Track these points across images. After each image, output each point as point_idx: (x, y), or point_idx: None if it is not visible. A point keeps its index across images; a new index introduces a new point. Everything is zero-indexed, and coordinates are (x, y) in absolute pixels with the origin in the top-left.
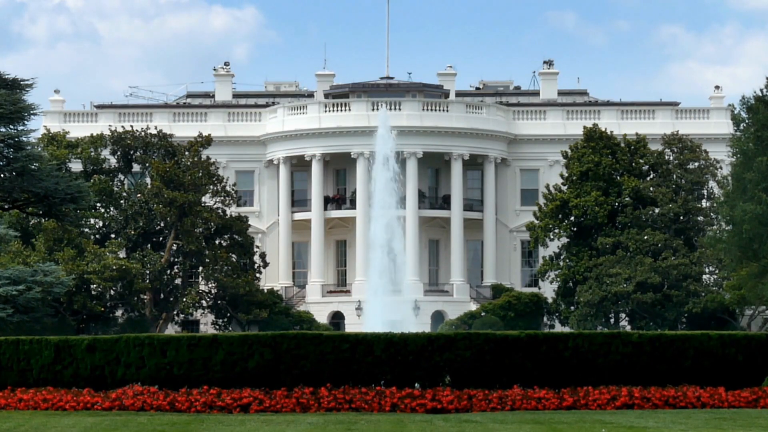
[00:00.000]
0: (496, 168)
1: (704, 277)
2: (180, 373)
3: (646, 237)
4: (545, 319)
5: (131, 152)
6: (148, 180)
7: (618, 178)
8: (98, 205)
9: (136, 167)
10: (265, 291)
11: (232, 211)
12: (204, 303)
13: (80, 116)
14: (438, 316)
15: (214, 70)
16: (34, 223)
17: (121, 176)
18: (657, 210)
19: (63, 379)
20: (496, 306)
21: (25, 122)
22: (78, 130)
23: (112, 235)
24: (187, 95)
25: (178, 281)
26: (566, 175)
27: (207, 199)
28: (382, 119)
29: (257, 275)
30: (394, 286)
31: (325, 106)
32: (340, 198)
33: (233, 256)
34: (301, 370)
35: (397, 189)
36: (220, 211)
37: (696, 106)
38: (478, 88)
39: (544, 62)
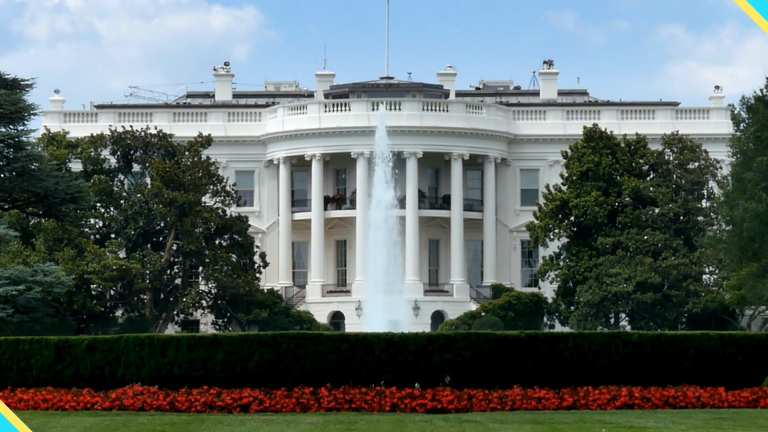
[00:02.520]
0: (496, 168)
1: (704, 277)
2: (180, 373)
3: (646, 237)
4: (545, 319)
5: (131, 152)
6: (148, 180)
7: (618, 178)
8: (98, 205)
9: (136, 167)
10: (265, 291)
11: (232, 211)
12: (204, 303)
13: (80, 116)
14: (438, 316)
15: (214, 70)
16: (34, 223)
17: (121, 176)
18: (657, 210)
19: (63, 379)
20: (496, 306)
21: (25, 122)
22: (78, 130)
23: (112, 235)
24: (187, 95)
25: (178, 281)
26: (566, 175)
27: (207, 199)
28: (381, 119)
29: (257, 275)
30: (394, 286)
31: (325, 106)
32: (340, 198)
33: (233, 256)
34: (301, 370)
35: (397, 189)
36: (220, 211)
37: (696, 106)
38: (478, 88)
39: (544, 62)
